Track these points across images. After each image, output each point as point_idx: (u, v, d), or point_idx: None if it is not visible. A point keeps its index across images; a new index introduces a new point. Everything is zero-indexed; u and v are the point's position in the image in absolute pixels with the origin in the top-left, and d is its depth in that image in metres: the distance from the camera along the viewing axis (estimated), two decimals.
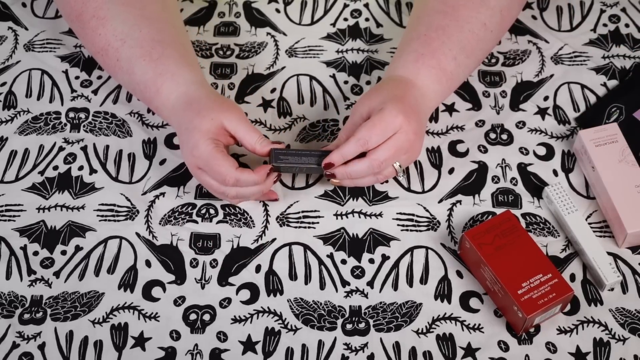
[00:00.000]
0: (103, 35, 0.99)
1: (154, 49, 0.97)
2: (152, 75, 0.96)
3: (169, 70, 0.96)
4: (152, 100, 0.98)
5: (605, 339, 0.90)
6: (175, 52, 0.98)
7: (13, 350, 0.89)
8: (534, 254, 0.91)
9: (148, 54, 0.97)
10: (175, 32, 1.02)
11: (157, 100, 0.97)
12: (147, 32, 0.98)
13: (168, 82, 0.96)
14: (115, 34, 0.98)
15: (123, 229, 0.98)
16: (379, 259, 0.96)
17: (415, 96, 0.96)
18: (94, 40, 1.00)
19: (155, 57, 0.97)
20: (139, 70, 0.97)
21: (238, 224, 0.98)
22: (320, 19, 1.17)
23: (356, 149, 0.92)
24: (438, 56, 0.98)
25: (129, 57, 0.97)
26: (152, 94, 0.97)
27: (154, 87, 0.97)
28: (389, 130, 0.92)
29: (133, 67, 0.97)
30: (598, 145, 0.99)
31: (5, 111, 1.07)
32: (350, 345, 0.90)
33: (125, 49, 0.98)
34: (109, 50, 0.99)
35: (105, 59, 1.00)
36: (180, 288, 0.94)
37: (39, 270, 0.95)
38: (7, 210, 0.99)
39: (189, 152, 0.93)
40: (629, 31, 1.15)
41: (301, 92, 1.09)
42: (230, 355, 0.90)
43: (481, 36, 1.00)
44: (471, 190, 1.00)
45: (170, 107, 0.96)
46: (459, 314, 0.92)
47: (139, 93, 1.00)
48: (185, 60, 0.99)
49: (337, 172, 0.94)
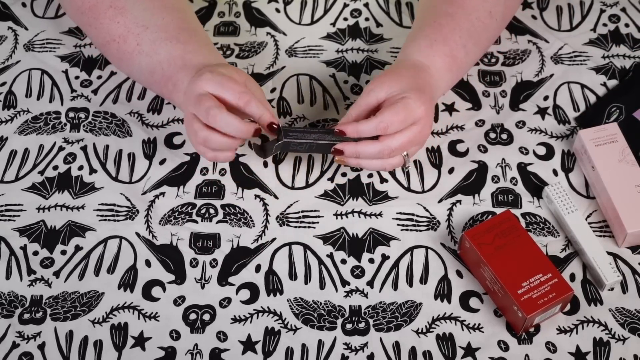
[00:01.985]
0: (122, 23, 0.98)
1: (180, 34, 0.97)
2: (180, 52, 0.96)
3: (200, 50, 0.96)
4: (174, 76, 0.96)
5: (605, 339, 0.90)
6: (202, 40, 0.99)
7: (13, 350, 0.89)
8: (534, 253, 0.91)
9: (175, 37, 0.97)
10: (197, 22, 1.02)
11: (181, 73, 0.95)
12: (171, 20, 0.98)
13: (199, 57, 0.96)
14: (137, 21, 0.97)
15: (123, 229, 0.98)
16: (378, 258, 0.96)
17: (431, 85, 0.96)
18: (110, 28, 0.98)
19: (183, 40, 0.97)
20: (164, 50, 0.96)
21: (238, 224, 0.98)
22: (320, 19, 1.17)
23: (374, 130, 0.91)
24: (449, 43, 0.98)
25: (153, 40, 0.97)
26: (176, 68, 0.95)
27: (180, 61, 0.95)
28: (409, 120, 0.91)
29: (157, 48, 0.96)
30: (598, 145, 0.99)
31: (5, 111, 1.07)
32: (350, 345, 0.90)
33: (148, 34, 0.97)
34: (128, 36, 0.98)
35: (121, 45, 0.98)
36: (180, 288, 0.94)
37: (39, 270, 0.95)
38: (7, 210, 0.99)
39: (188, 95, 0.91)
40: (628, 31, 1.15)
41: (301, 92, 1.09)
42: (230, 355, 0.90)
43: (487, 24, 1.00)
44: (471, 190, 1.00)
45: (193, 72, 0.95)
46: (459, 313, 0.92)
47: (157, 74, 0.97)
48: (211, 48, 0.99)
49: (346, 149, 0.93)
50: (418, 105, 0.91)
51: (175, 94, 0.96)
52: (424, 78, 0.96)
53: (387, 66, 1.11)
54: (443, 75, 0.98)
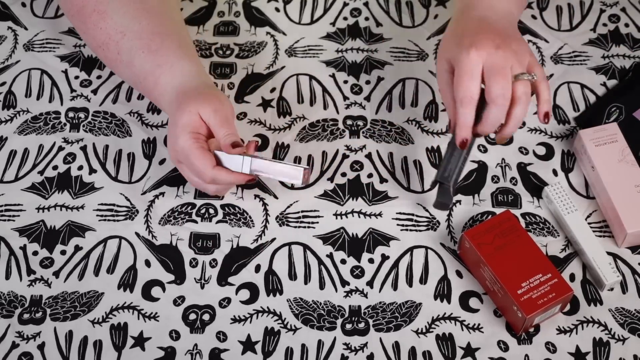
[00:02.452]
0: (104, 29, 0.98)
1: (152, 40, 0.97)
2: (150, 66, 0.96)
3: (167, 62, 0.96)
4: (152, 92, 0.98)
5: (605, 339, 0.90)
6: (174, 43, 0.98)
7: (13, 350, 0.89)
8: (534, 253, 0.90)
9: (147, 45, 0.97)
10: (174, 25, 1.02)
11: (155, 91, 0.97)
12: (147, 25, 0.98)
13: (166, 73, 0.96)
14: (116, 27, 0.98)
15: (122, 229, 0.98)
16: (378, 258, 0.96)
17: (477, 17, 0.92)
18: (95, 34, 0.99)
19: (154, 49, 0.97)
20: (138, 62, 0.97)
21: (237, 224, 0.98)
22: (319, 18, 1.17)
23: (468, 110, 0.89)
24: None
25: (129, 49, 0.97)
26: (151, 85, 0.97)
27: (152, 78, 0.96)
28: (474, 70, 0.88)
29: (133, 60, 0.97)
30: (598, 145, 0.99)
31: (5, 111, 1.07)
32: (350, 345, 0.90)
33: (125, 42, 0.98)
34: (109, 43, 0.98)
35: (106, 53, 1.00)
36: (180, 288, 0.94)
37: (39, 270, 0.95)
38: (6, 210, 0.99)
39: (170, 146, 0.93)
40: (628, 31, 1.15)
41: (301, 92, 1.09)
42: (230, 355, 0.89)
43: None
44: (471, 190, 1.00)
45: (167, 99, 0.96)
46: (459, 313, 0.92)
47: (139, 85, 1.00)
48: (183, 51, 0.98)
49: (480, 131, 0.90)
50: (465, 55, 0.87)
51: (161, 105, 0.99)
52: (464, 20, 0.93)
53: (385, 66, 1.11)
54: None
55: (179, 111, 0.92)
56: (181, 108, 0.92)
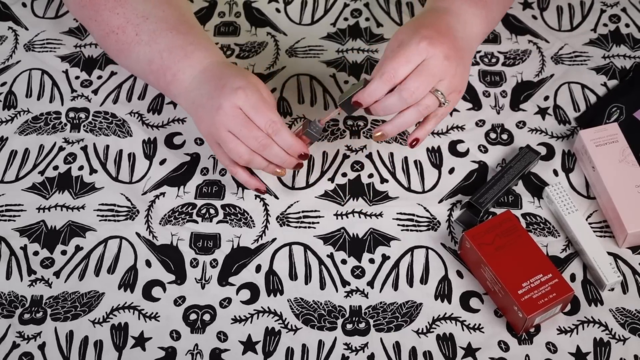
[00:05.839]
0: (122, 14, 0.98)
1: (181, 25, 0.97)
2: (181, 42, 0.96)
3: (200, 42, 0.96)
4: (174, 66, 0.95)
5: (606, 339, 0.90)
6: (201, 31, 0.99)
7: (13, 350, 0.89)
8: (534, 254, 0.90)
9: (175, 28, 0.97)
10: (195, 19, 1.02)
11: (182, 64, 0.95)
12: (171, 13, 0.98)
13: (201, 50, 0.95)
14: (136, 12, 0.97)
15: (123, 229, 0.98)
16: (379, 259, 0.96)
17: (448, 22, 0.92)
18: (109, 19, 0.98)
19: (183, 32, 0.97)
20: (165, 40, 0.96)
21: (238, 224, 0.98)
22: (320, 19, 1.17)
23: (382, 85, 0.88)
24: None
25: (152, 30, 0.96)
26: (177, 58, 0.95)
27: (181, 51, 0.95)
28: (413, 58, 0.87)
29: (157, 38, 0.96)
30: (598, 145, 0.99)
31: (6, 111, 1.07)
32: (351, 345, 0.90)
33: (147, 24, 0.97)
34: (127, 27, 0.97)
35: (120, 36, 0.98)
36: (181, 288, 0.94)
37: (39, 270, 0.95)
38: (7, 210, 0.99)
39: (220, 111, 0.90)
40: (629, 31, 1.15)
41: (301, 92, 1.09)
42: (231, 355, 0.90)
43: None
44: (471, 190, 1.00)
45: (199, 72, 0.94)
46: (459, 314, 0.92)
47: (156, 63, 0.96)
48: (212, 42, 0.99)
49: (372, 108, 0.90)
50: (416, 41, 0.87)
51: (174, 84, 0.96)
52: (435, 17, 0.93)
53: None
54: (468, 10, 0.94)
55: (241, 73, 0.91)
56: (246, 73, 0.92)
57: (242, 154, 0.91)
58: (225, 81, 0.91)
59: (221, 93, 0.90)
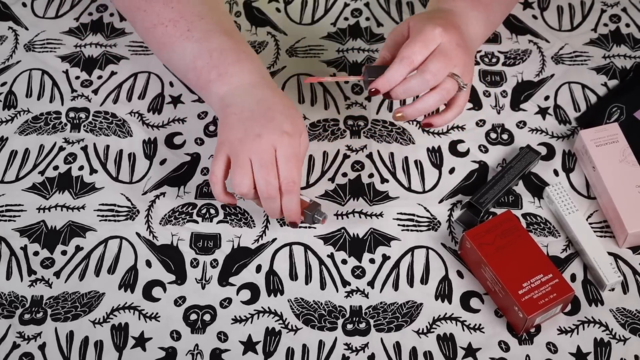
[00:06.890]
0: (177, 8, 0.97)
1: (234, 33, 0.98)
2: (234, 47, 0.96)
3: (251, 54, 0.97)
4: (223, 67, 0.94)
5: (606, 339, 0.90)
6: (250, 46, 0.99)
7: (13, 350, 0.89)
8: (535, 254, 0.90)
9: (229, 33, 0.97)
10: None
11: (232, 67, 0.94)
12: (226, 20, 0.99)
13: (251, 61, 0.95)
14: (193, 10, 0.97)
15: (123, 229, 0.98)
16: (379, 259, 0.96)
17: (454, 20, 0.95)
18: (161, 11, 0.97)
19: (236, 39, 0.97)
20: (218, 40, 0.96)
21: (238, 224, 0.98)
22: (320, 19, 1.17)
23: (402, 69, 0.90)
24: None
25: (207, 30, 0.96)
26: (228, 60, 0.94)
27: (234, 56, 0.95)
28: (430, 42, 0.90)
29: (210, 37, 0.96)
30: (599, 145, 0.99)
31: (6, 111, 1.07)
32: (351, 346, 0.90)
33: (202, 24, 0.97)
34: (180, 22, 0.97)
35: (169, 29, 0.97)
36: (181, 288, 0.94)
37: (40, 271, 0.95)
38: (7, 211, 0.99)
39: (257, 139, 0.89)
40: (629, 31, 1.15)
41: (302, 92, 1.09)
42: (231, 355, 0.89)
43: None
44: (472, 190, 1.00)
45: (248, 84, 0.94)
46: (460, 314, 0.92)
47: (203, 60, 0.95)
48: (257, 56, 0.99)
49: (393, 92, 0.91)
50: (431, 27, 0.90)
51: (217, 83, 0.94)
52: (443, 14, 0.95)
53: None
54: (469, 12, 0.97)
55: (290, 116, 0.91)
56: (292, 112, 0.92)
57: (244, 186, 0.89)
58: (275, 115, 0.90)
59: (267, 124, 0.90)
